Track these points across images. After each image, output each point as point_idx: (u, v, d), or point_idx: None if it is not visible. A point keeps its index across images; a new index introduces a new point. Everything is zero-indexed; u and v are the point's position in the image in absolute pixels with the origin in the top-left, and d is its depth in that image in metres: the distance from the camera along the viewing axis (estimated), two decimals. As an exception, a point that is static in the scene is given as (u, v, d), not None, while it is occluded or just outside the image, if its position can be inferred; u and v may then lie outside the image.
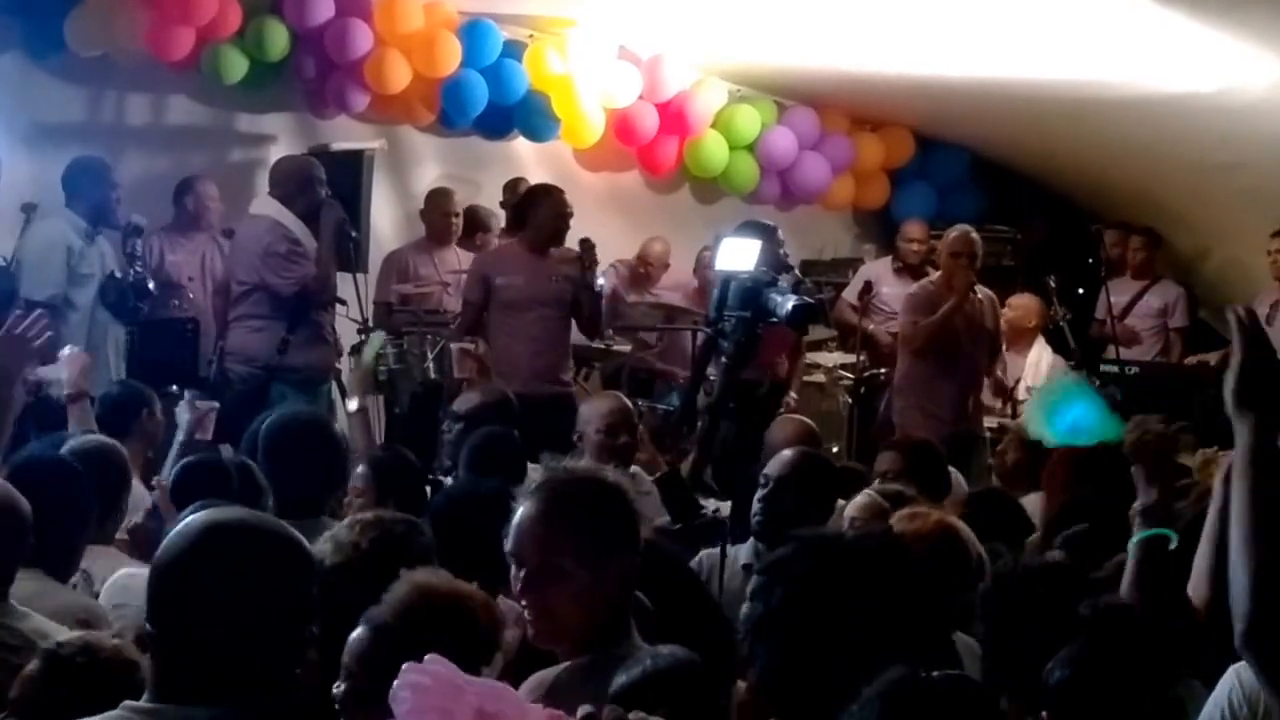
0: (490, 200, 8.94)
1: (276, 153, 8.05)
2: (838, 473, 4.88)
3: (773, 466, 4.64)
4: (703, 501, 5.49)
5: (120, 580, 3.85)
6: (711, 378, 6.29)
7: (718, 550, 4.61)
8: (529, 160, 9.29)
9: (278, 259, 6.90)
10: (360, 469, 4.50)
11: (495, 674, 2.78)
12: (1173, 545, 3.29)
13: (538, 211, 7.38)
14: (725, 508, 5.33)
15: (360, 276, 7.35)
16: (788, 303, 5.74)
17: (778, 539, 4.14)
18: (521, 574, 2.77)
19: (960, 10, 7.87)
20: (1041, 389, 3.55)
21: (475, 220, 8.72)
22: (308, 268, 6.91)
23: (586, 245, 7.29)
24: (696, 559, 4.60)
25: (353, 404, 5.40)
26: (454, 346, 6.70)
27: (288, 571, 2.30)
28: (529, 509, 2.79)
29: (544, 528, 2.76)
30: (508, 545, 2.79)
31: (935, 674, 2.01)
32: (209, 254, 7.88)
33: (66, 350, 5.43)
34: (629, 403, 5.90)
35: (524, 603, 2.79)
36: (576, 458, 5.31)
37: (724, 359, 5.97)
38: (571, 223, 7.33)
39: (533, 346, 7.11)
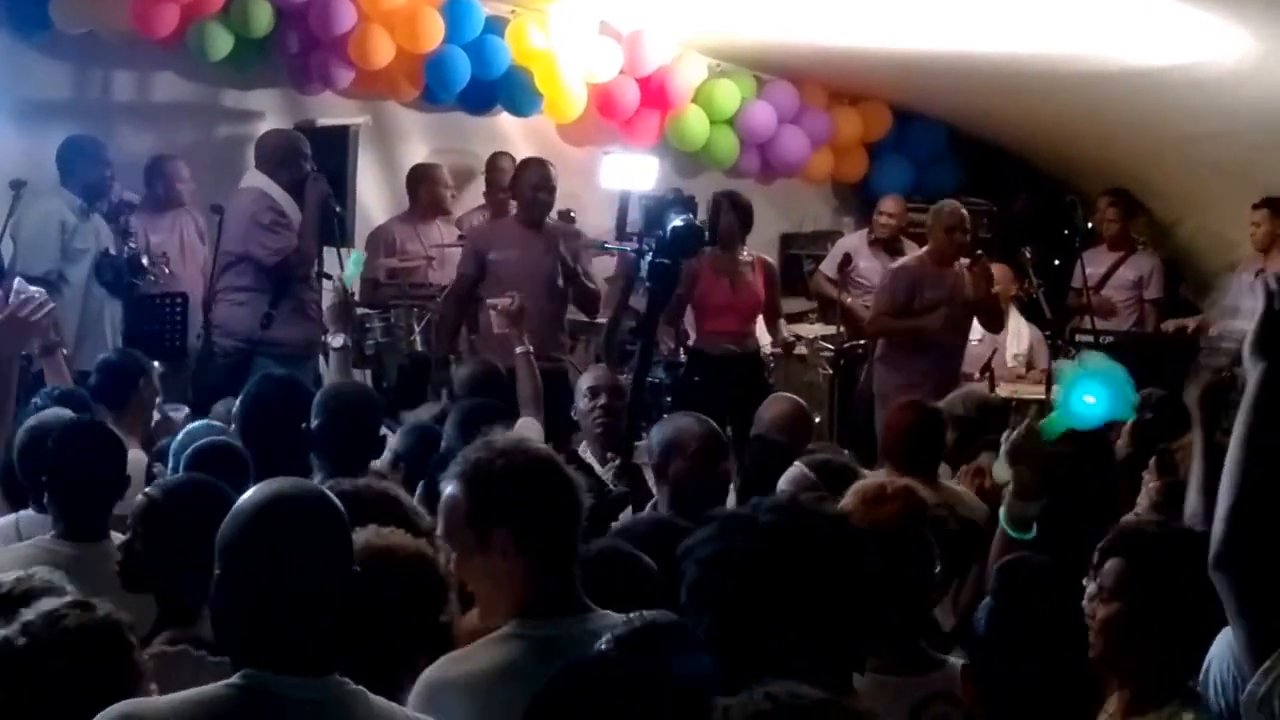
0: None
1: (262, 129, 8.06)
2: (727, 446, 4.74)
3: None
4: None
5: None
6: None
7: None
8: (514, 135, 9.33)
9: (261, 229, 6.95)
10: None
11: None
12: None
13: (518, 185, 7.49)
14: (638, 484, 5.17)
15: (345, 251, 7.42)
16: (672, 222, 5.33)
17: (683, 511, 4.24)
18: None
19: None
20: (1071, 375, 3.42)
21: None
22: (290, 239, 6.96)
23: (566, 217, 7.34)
24: None
25: (336, 340, 5.33)
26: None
27: (341, 536, 2.44)
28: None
29: (449, 503, 2.80)
30: None
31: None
32: (186, 230, 7.96)
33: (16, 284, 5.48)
34: (612, 371, 6.03)
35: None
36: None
37: (646, 285, 5.75)
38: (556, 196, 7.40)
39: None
